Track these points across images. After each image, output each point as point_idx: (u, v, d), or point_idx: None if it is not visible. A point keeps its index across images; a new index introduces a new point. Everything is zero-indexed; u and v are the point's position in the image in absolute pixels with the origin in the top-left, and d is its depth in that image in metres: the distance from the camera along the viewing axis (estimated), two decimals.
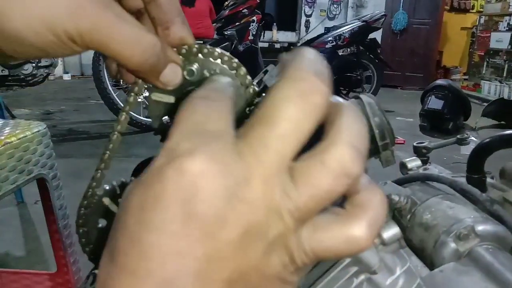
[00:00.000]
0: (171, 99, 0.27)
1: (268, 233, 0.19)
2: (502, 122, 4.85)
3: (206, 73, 0.26)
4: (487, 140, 0.62)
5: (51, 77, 6.69)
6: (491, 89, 6.59)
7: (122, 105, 0.27)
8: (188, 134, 0.19)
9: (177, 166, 0.18)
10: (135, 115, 3.82)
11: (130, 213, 0.18)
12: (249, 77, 0.26)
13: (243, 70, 0.26)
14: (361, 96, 0.45)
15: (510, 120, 4.75)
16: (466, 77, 8.09)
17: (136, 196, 0.18)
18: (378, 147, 0.45)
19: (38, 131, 1.15)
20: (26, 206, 2.36)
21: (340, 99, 0.22)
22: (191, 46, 0.26)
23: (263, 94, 0.29)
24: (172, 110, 0.27)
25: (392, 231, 0.45)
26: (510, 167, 0.67)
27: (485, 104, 5.27)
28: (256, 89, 0.27)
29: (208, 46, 0.26)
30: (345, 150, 0.19)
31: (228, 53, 0.26)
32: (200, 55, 0.26)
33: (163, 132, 0.28)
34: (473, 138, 0.78)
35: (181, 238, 0.17)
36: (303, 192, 0.19)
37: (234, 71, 0.26)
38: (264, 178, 0.19)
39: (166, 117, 0.28)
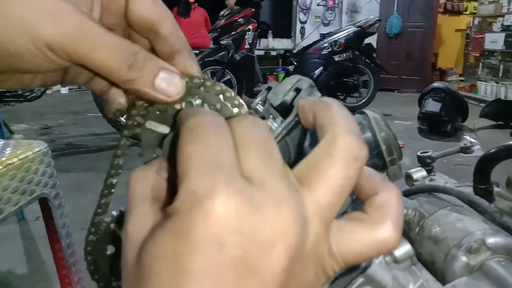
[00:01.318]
0: (165, 129, 0.26)
1: (305, 249, 0.19)
2: (500, 122, 4.87)
3: (206, 107, 0.25)
4: (493, 150, 0.61)
5: (48, 91, 6.71)
6: (487, 89, 6.61)
7: (120, 117, 0.27)
8: (205, 172, 0.19)
9: (202, 211, 0.17)
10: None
11: (164, 262, 0.18)
12: (250, 117, 0.26)
13: (245, 108, 0.25)
14: (367, 111, 0.44)
15: (508, 120, 4.77)
16: (462, 78, 8.13)
17: (166, 245, 0.18)
18: (385, 162, 0.44)
19: (40, 150, 1.14)
20: (27, 222, 2.35)
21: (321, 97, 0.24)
22: (193, 78, 0.26)
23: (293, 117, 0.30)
24: (165, 142, 0.26)
25: (404, 249, 0.45)
26: None
27: (482, 105, 5.29)
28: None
29: (212, 80, 0.26)
30: (348, 138, 0.21)
31: (231, 90, 0.26)
32: (202, 88, 0.26)
33: None
34: (477, 145, 0.78)
35: (223, 281, 0.17)
36: (320, 188, 0.20)
37: (236, 109, 0.25)
38: (291, 200, 0.19)
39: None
